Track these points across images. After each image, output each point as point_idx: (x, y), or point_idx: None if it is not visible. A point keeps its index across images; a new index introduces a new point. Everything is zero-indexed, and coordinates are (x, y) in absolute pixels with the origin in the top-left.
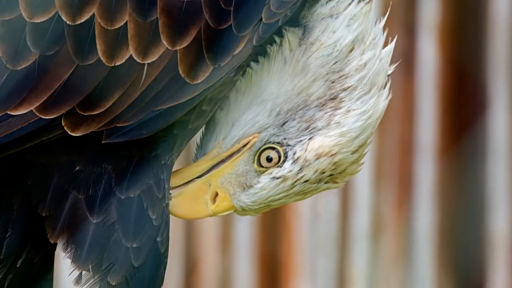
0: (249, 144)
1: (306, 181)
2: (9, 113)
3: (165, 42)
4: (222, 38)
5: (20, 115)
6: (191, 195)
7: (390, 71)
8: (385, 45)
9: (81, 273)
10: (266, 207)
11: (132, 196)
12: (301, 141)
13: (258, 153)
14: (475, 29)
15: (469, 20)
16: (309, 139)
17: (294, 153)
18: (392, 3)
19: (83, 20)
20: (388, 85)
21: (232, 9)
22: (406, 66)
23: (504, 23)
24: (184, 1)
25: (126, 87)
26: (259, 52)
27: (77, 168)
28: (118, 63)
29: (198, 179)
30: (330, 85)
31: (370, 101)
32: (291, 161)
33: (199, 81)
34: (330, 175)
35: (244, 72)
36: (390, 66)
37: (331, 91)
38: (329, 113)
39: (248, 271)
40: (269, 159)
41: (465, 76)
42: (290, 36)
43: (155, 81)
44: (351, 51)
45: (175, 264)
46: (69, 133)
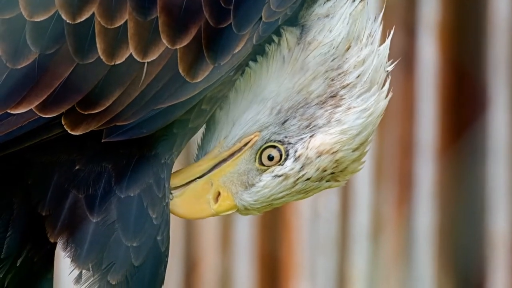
0: (250, 143)
1: (307, 179)
2: (9, 111)
3: (165, 41)
4: (222, 37)
5: (20, 113)
6: (193, 194)
7: (389, 69)
8: (383, 42)
9: (81, 272)
10: (268, 206)
11: (132, 195)
12: (302, 139)
13: (259, 152)
14: (475, 29)
15: (469, 19)
16: (310, 137)
17: (296, 151)
18: (392, 2)
19: (83, 19)
20: (388, 82)
21: (232, 8)
22: (406, 65)
23: (504, 23)
24: None
25: (126, 86)
26: (258, 52)
27: (77, 167)
28: (118, 62)
29: (200, 179)
30: (329, 82)
31: (371, 98)
32: (292, 159)
33: (199, 80)
34: (332, 173)
35: (243, 72)
36: (389, 64)
37: (331, 89)
38: (329, 111)
39: (248, 271)
40: (270, 158)
41: (465, 75)
42: (288, 35)
43: (155, 80)
44: (348, 49)
45: (175, 263)
46: (69, 132)
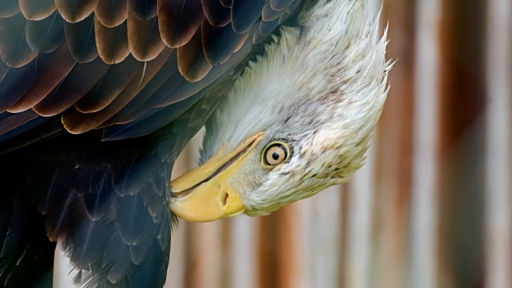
0: (254, 143)
1: (314, 175)
2: (8, 111)
3: (164, 41)
4: (221, 37)
5: (20, 113)
6: (201, 197)
7: (388, 68)
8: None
9: (80, 271)
10: (276, 205)
11: (131, 194)
12: (306, 135)
13: (263, 151)
14: (475, 28)
15: (469, 19)
16: (314, 132)
17: (300, 148)
18: (392, 2)
19: (82, 19)
20: (386, 78)
21: (231, 7)
22: (406, 64)
23: (504, 23)
24: None
25: (126, 86)
26: (258, 52)
27: (76, 167)
28: (118, 61)
29: (207, 182)
30: (330, 78)
31: (371, 93)
32: (298, 156)
33: (198, 79)
34: (336, 169)
35: (243, 72)
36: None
37: (332, 85)
38: (331, 106)
39: (248, 270)
40: (275, 156)
41: (465, 75)
42: (288, 35)
43: (154, 79)
44: (347, 47)
45: (174, 262)
46: (68, 131)
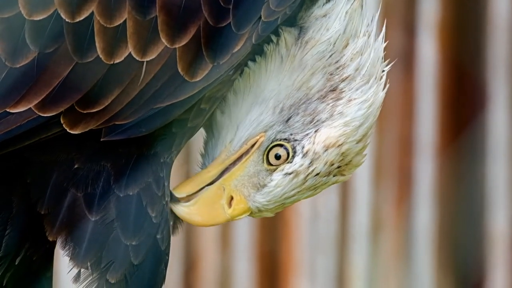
0: (257, 144)
1: (317, 174)
2: (7, 110)
3: (164, 40)
4: (221, 36)
5: (19, 112)
6: (207, 201)
7: (387, 68)
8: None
9: (80, 271)
10: (281, 205)
11: (131, 194)
12: (307, 134)
13: (266, 152)
14: (474, 28)
15: (469, 18)
16: (315, 131)
17: (303, 147)
18: (392, 1)
19: (82, 18)
20: (384, 75)
21: (231, 7)
22: (406, 64)
23: (504, 23)
24: None
25: (125, 85)
26: (257, 52)
27: (76, 166)
28: (117, 61)
29: (211, 185)
30: (328, 77)
31: (370, 90)
32: (300, 155)
33: (198, 79)
34: (338, 167)
35: (242, 72)
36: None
37: (331, 83)
38: (331, 104)
39: (247, 269)
40: (277, 157)
41: (464, 74)
42: (287, 35)
43: (154, 79)
44: (346, 46)
45: (174, 262)
46: (68, 131)
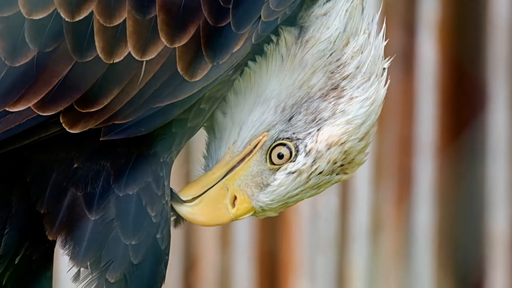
0: (259, 144)
1: (320, 172)
2: (7, 109)
3: (163, 40)
4: (220, 36)
5: (18, 111)
6: (211, 201)
7: (386, 65)
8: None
9: (79, 270)
10: (284, 205)
11: (130, 193)
12: (310, 133)
13: (268, 152)
14: (474, 27)
15: (469, 18)
16: (318, 130)
17: (306, 146)
18: (392, 1)
19: (81, 17)
20: (385, 72)
21: (231, 7)
22: (406, 64)
23: (504, 23)
24: None
25: (125, 84)
26: (257, 51)
27: (75, 165)
28: (117, 60)
29: (215, 185)
30: (329, 75)
31: (371, 88)
32: (303, 154)
33: (197, 78)
34: (341, 165)
35: (242, 72)
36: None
37: (332, 81)
38: (333, 103)
39: (247, 269)
40: (280, 156)
41: (464, 74)
42: (287, 35)
43: (153, 78)
44: (346, 44)
45: (174, 261)
46: (67, 130)
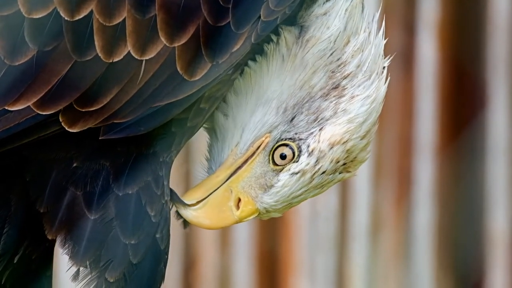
0: (262, 145)
1: (323, 172)
2: (6, 108)
3: (163, 39)
4: (220, 35)
5: (18, 110)
6: (215, 204)
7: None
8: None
9: (78, 269)
10: (288, 205)
11: (130, 192)
12: (312, 133)
13: (271, 153)
14: (474, 27)
15: (469, 18)
16: (320, 130)
17: (308, 146)
18: (392, 1)
19: (81, 16)
20: (385, 71)
21: (230, 6)
22: (406, 64)
23: (504, 22)
24: None
25: (124, 84)
26: (257, 51)
27: (74, 165)
28: (116, 59)
29: (219, 188)
30: (330, 75)
31: (372, 86)
32: (306, 154)
33: (197, 78)
34: (344, 164)
35: (242, 71)
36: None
37: (333, 81)
38: (334, 102)
39: (247, 268)
40: (282, 156)
41: (464, 74)
42: (287, 34)
43: (153, 77)
44: (346, 44)
45: (174, 261)
46: (66, 129)
